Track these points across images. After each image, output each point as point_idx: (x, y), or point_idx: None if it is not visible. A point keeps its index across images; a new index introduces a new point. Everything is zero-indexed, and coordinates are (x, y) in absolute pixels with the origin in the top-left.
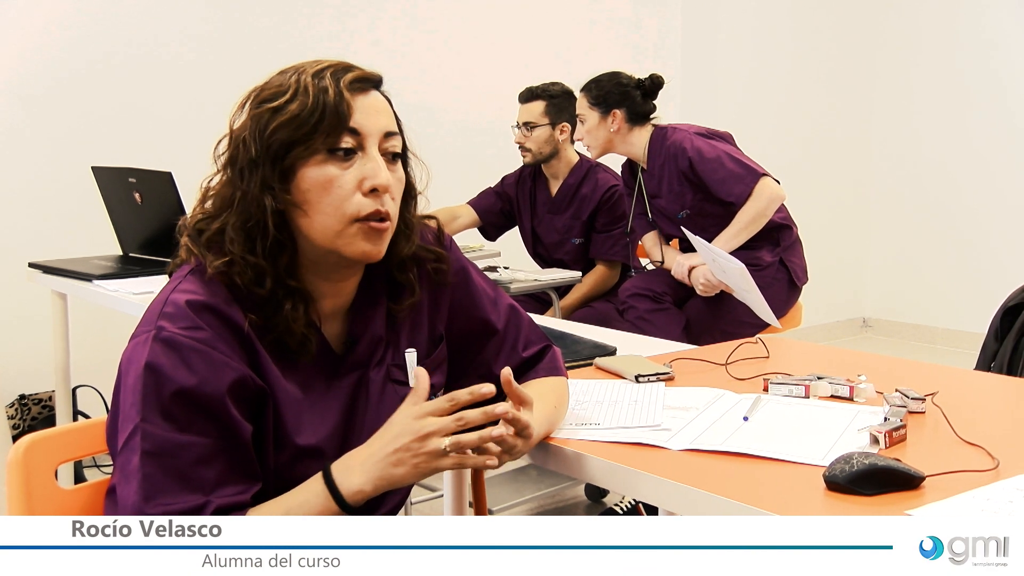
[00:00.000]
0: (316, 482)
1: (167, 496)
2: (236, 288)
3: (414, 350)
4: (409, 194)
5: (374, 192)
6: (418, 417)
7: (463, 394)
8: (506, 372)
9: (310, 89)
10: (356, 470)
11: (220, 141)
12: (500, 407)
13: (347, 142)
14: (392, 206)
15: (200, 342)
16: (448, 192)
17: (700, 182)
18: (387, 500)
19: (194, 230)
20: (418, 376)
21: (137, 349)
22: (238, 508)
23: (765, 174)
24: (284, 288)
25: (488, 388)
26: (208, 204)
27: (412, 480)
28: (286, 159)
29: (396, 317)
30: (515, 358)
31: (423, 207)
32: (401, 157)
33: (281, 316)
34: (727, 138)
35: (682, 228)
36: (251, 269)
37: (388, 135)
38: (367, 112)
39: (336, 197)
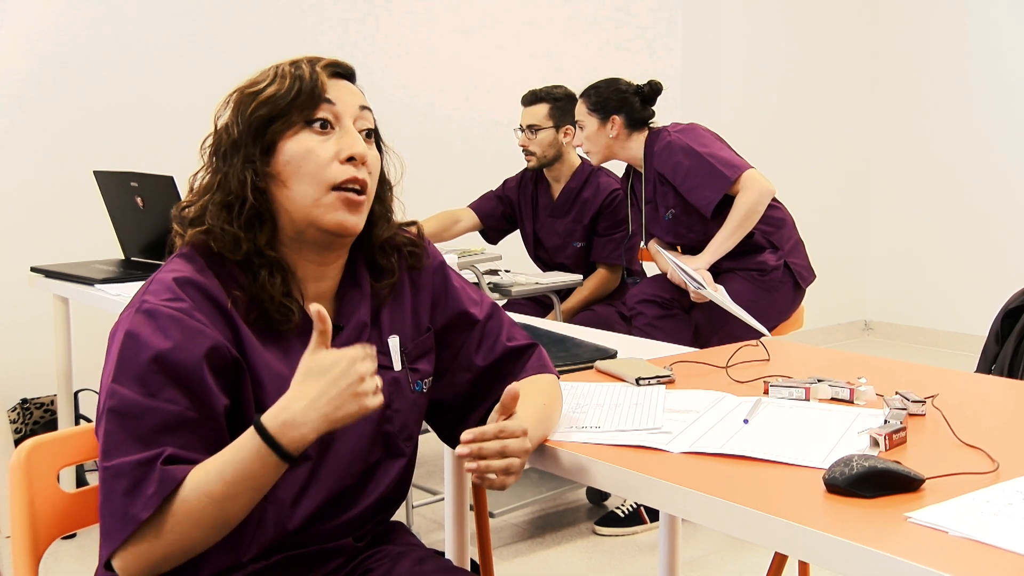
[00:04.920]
0: (249, 438)
1: (123, 453)
2: (216, 258)
3: (397, 336)
4: (385, 184)
5: (351, 161)
6: (354, 359)
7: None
8: (513, 388)
9: (287, 72)
10: (295, 420)
11: (206, 138)
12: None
13: (323, 113)
14: (369, 179)
15: (179, 311)
16: (449, 195)
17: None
18: (365, 496)
19: (178, 212)
20: (316, 312)
21: (121, 323)
22: (188, 463)
23: (748, 168)
24: (261, 257)
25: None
26: (192, 194)
27: (352, 420)
28: (267, 134)
29: (380, 303)
30: (498, 348)
31: (423, 209)
32: (376, 139)
33: (259, 284)
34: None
35: (652, 245)
36: (227, 236)
37: (362, 108)
38: (341, 90)
39: (314, 166)
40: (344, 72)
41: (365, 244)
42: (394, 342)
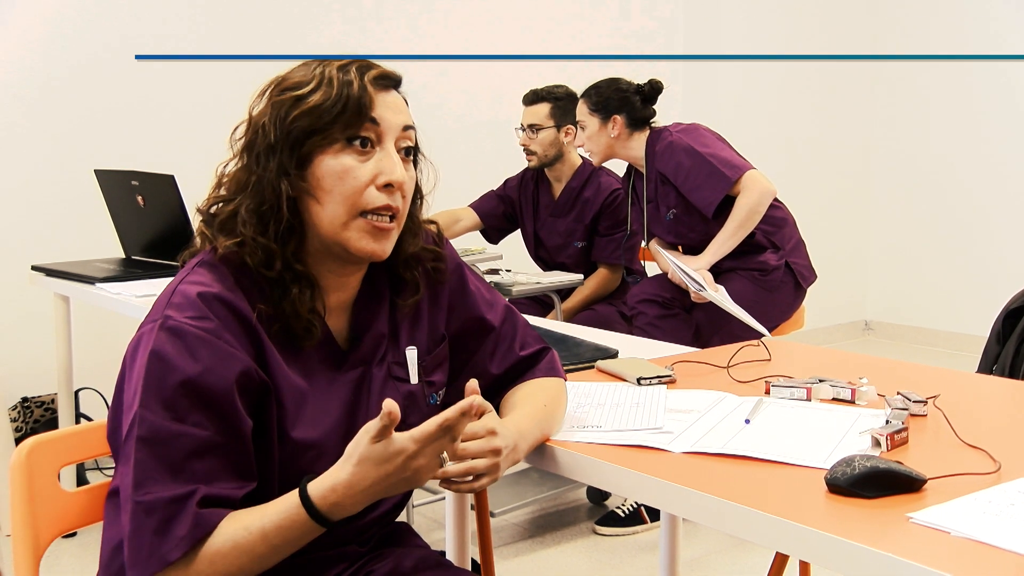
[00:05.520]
0: (297, 510)
1: (155, 484)
2: (245, 271)
3: (415, 348)
4: (416, 194)
5: (388, 187)
6: (411, 456)
7: (453, 416)
8: (472, 385)
9: (335, 81)
10: (344, 502)
11: (237, 127)
12: (487, 423)
13: (367, 132)
14: (403, 204)
15: (207, 332)
16: (450, 195)
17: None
18: (373, 510)
19: (208, 213)
20: (388, 409)
21: (143, 339)
22: (226, 503)
23: (749, 168)
24: (292, 272)
25: (477, 402)
26: (223, 190)
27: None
28: (304, 146)
29: (398, 314)
30: (511, 357)
31: (425, 208)
32: (413, 156)
33: (288, 300)
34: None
35: (652, 244)
36: (261, 250)
37: (406, 128)
38: (388, 107)
39: (350, 187)
40: (393, 82)
41: (389, 256)
42: (411, 354)
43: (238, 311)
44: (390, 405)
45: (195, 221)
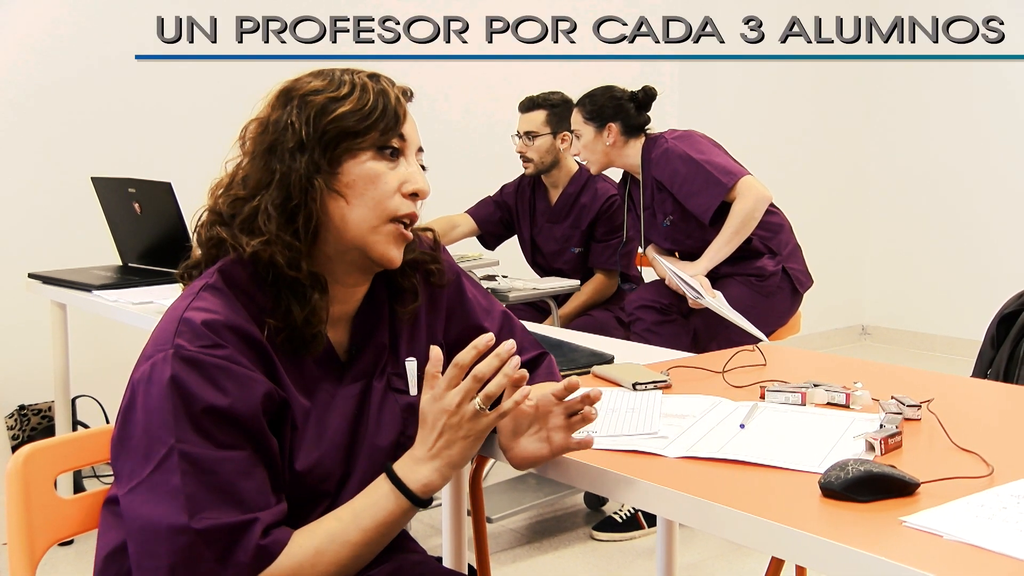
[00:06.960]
0: (383, 484)
1: (213, 510)
2: (251, 288)
3: (414, 359)
4: None
5: (414, 196)
6: (440, 396)
7: (466, 355)
8: (572, 381)
9: (369, 88)
10: (418, 466)
11: (248, 126)
12: (507, 344)
13: (397, 143)
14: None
15: (223, 359)
16: (447, 201)
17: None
18: None
19: (228, 215)
20: (432, 355)
21: (156, 368)
22: (282, 523)
23: (745, 175)
24: (312, 275)
25: (487, 337)
26: (235, 190)
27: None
28: (338, 147)
29: (397, 325)
30: None
31: (421, 214)
32: None
33: (307, 305)
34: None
35: (649, 251)
36: (288, 249)
37: (419, 150)
38: (410, 125)
39: (380, 192)
40: (412, 97)
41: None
42: (411, 366)
43: (247, 335)
44: (435, 351)
45: (192, 231)
